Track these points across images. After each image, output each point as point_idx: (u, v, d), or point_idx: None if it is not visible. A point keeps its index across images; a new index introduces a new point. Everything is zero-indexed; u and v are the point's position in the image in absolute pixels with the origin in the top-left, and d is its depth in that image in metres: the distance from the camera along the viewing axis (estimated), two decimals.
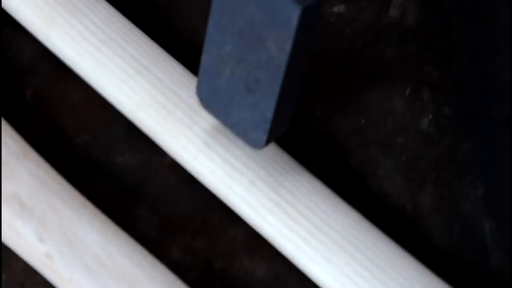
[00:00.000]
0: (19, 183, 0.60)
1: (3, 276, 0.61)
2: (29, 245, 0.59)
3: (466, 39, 0.69)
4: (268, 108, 0.57)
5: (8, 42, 0.69)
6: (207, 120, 0.62)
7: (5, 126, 0.63)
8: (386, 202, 0.64)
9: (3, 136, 0.62)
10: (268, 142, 0.59)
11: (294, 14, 0.53)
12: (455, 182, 0.65)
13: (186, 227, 0.63)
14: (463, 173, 0.65)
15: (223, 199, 0.62)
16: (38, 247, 0.58)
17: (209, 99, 0.60)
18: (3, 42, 0.69)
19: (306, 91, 0.66)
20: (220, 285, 0.61)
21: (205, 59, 0.58)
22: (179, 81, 0.65)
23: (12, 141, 0.62)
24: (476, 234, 0.63)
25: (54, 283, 0.59)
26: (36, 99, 0.67)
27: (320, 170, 0.63)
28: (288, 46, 0.54)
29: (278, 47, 0.55)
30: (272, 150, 0.62)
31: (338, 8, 0.71)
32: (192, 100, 0.63)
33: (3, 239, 0.60)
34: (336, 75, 0.68)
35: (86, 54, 0.65)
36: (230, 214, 0.62)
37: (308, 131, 0.66)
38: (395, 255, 0.59)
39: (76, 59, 0.65)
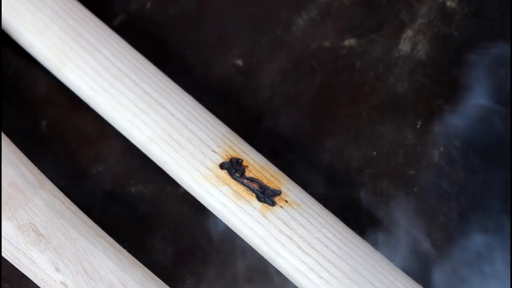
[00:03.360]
0: (35, 213, 0.61)
1: None
2: (45, 273, 0.59)
3: (476, 73, 0.71)
4: None
5: (23, 74, 0.70)
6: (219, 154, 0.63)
7: (21, 156, 0.64)
8: (397, 234, 0.65)
9: (20, 168, 0.62)
10: None
11: None
12: (468, 214, 0.66)
13: (199, 256, 0.64)
14: (475, 205, 0.66)
15: (235, 231, 0.63)
16: (54, 276, 0.59)
17: None
18: (19, 75, 0.70)
19: (318, 123, 0.67)
20: None
21: None
22: (191, 115, 0.65)
23: (28, 171, 0.63)
24: None
25: None
26: (51, 130, 0.68)
27: (332, 202, 0.64)
28: None
29: None
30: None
31: (349, 42, 0.71)
32: (204, 134, 0.64)
33: (20, 268, 0.60)
34: (347, 107, 0.69)
35: (99, 89, 0.66)
36: (241, 244, 0.63)
37: (320, 163, 0.67)
38: (406, 286, 0.60)
39: (90, 93, 0.66)
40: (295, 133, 0.68)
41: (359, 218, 0.65)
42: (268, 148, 0.66)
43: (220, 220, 0.63)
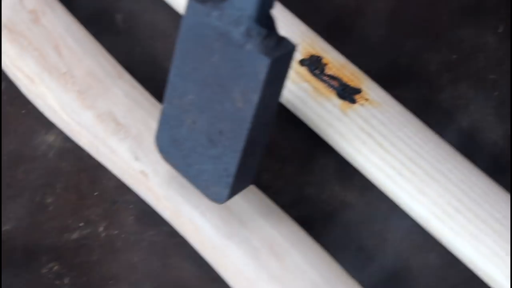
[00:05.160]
0: (114, 102, 0.60)
1: (95, 193, 0.62)
2: (124, 162, 0.59)
3: None
4: (231, 162, 0.53)
5: None
6: None
7: (98, 46, 0.63)
8: (477, 137, 0.64)
9: (98, 57, 0.62)
10: (230, 196, 0.54)
11: (262, 65, 0.49)
12: None
13: (276, 153, 0.63)
14: None
15: (314, 128, 0.62)
16: (133, 165, 0.59)
17: (169, 150, 0.56)
18: None
19: (397, 25, 0.66)
20: (312, 210, 0.61)
21: (166, 107, 0.54)
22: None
23: (106, 61, 0.62)
24: None
25: (148, 200, 0.59)
26: (126, 24, 0.67)
27: (412, 103, 0.63)
28: (255, 98, 0.50)
29: (245, 99, 0.50)
30: None
31: None
32: (283, 32, 0.59)
33: (98, 157, 0.60)
34: (428, 10, 0.68)
35: None
36: (321, 143, 0.62)
37: (398, 65, 0.66)
38: (488, 189, 0.59)
39: None
40: (372, 35, 0.67)
41: (438, 120, 0.64)
42: (343, 50, 0.64)
43: (297, 118, 0.63)
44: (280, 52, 0.49)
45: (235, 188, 0.54)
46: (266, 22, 0.49)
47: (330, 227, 0.61)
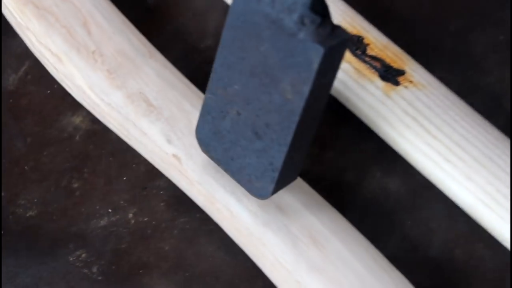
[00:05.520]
0: (146, 82, 0.58)
1: (124, 178, 0.60)
2: (156, 145, 0.57)
3: None
4: (277, 156, 0.51)
5: None
6: None
7: (129, 24, 0.61)
8: None
9: (128, 36, 0.60)
10: (274, 192, 0.53)
11: (315, 55, 0.47)
12: None
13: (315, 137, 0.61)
14: None
15: (356, 111, 0.60)
16: (166, 148, 0.56)
17: (210, 142, 0.54)
18: None
19: (440, 4, 0.63)
20: (351, 197, 0.59)
21: (208, 98, 0.52)
22: None
23: (137, 40, 0.60)
24: None
25: (180, 186, 0.57)
26: (158, 3, 0.65)
27: (456, 86, 0.61)
28: (306, 89, 0.48)
29: (294, 90, 0.48)
30: None
31: None
32: None
33: (129, 140, 0.58)
34: None
35: None
36: (361, 127, 0.60)
37: (443, 46, 0.63)
38: None
39: None
40: (415, 14, 0.65)
41: (484, 104, 0.61)
42: (384, 30, 0.62)
43: (336, 101, 0.60)
44: (335, 41, 0.46)
45: (280, 183, 0.52)
46: (320, 9, 0.47)
47: (370, 216, 0.58)
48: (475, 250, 0.58)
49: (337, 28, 0.47)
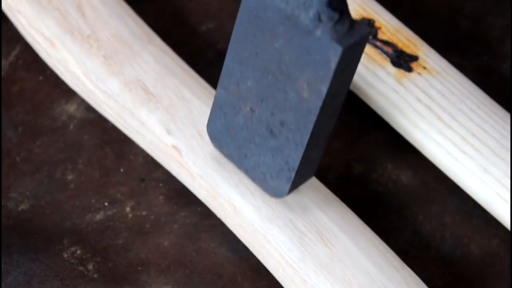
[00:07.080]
0: (144, 69, 0.56)
1: (121, 169, 0.58)
2: (155, 136, 0.55)
3: None
4: (294, 155, 0.50)
5: None
6: None
7: (125, 7, 0.59)
8: None
9: (125, 19, 0.58)
10: (290, 191, 0.52)
11: (333, 54, 0.45)
12: None
13: None
14: None
15: (366, 100, 0.58)
16: (165, 139, 0.55)
17: (222, 138, 0.53)
18: None
19: None
20: (361, 190, 0.58)
21: (220, 93, 0.51)
22: None
23: (135, 23, 0.58)
24: None
25: (180, 178, 0.55)
26: None
27: (471, 72, 0.60)
28: (323, 88, 0.47)
29: (311, 89, 0.47)
30: None
31: None
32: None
33: (126, 129, 0.57)
34: None
35: None
36: (371, 116, 0.59)
37: (457, 30, 0.62)
38: None
39: None
40: None
41: (501, 91, 0.60)
42: (396, 13, 0.60)
43: None
44: (353, 39, 0.44)
45: (297, 182, 0.51)
46: (337, 4, 0.45)
47: (381, 210, 0.58)
48: (490, 246, 0.57)
49: (356, 24, 0.45)
